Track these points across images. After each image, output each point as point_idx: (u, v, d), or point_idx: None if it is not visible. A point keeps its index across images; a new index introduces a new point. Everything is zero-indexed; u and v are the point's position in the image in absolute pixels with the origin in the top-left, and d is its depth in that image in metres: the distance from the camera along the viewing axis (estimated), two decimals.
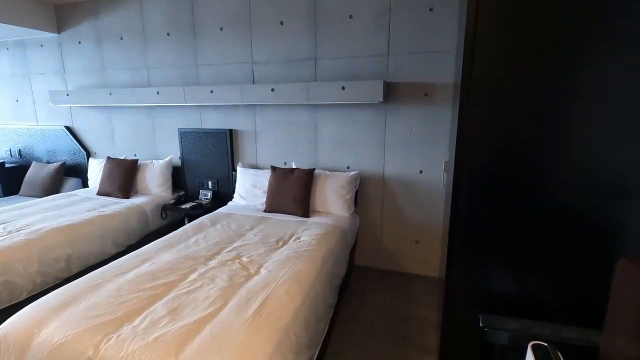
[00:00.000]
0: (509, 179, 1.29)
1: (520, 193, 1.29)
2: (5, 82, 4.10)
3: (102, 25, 3.44)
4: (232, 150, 3.18)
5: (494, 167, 1.31)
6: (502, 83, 1.24)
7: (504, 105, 1.25)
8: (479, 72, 1.26)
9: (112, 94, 3.29)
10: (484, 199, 1.34)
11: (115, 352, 1.22)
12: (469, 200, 1.36)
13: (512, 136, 1.26)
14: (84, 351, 1.24)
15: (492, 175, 1.31)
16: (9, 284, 2.02)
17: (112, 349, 1.23)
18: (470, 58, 1.26)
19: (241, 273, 1.75)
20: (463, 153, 1.34)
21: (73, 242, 2.43)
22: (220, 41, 3.04)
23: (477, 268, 1.40)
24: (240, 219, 2.58)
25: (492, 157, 1.30)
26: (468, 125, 1.31)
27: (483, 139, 1.30)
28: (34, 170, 3.82)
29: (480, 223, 1.36)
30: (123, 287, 1.61)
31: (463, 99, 1.29)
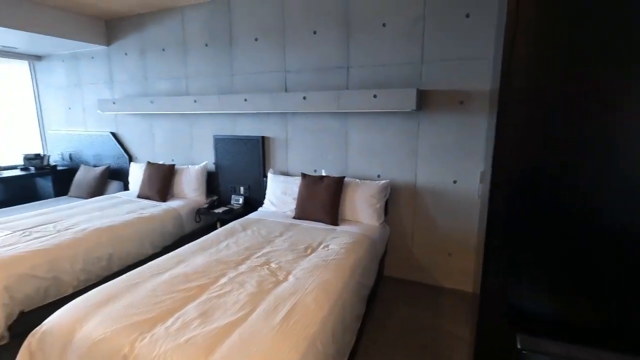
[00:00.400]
0: (551, 190, 1.22)
1: (562, 206, 1.21)
2: (60, 92, 4.45)
3: (147, 38, 3.65)
4: (263, 157, 3.25)
5: (535, 177, 1.24)
6: (543, 89, 1.19)
7: (545, 112, 1.19)
8: (518, 78, 1.21)
9: (154, 102, 3.47)
10: (523, 211, 1.27)
11: (148, 351, 1.27)
12: (507, 213, 1.30)
13: (554, 144, 1.20)
14: (121, 349, 1.29)
15: (533, 185, 1.25)
16: (57, 280, 2.16)
17: (146, 347, 1.28)
18: (509, 63, 1.21)
19: (270, 279, 1.77)
20: (501, 162, 1.29)
21: (114, 242, 2.56)
22: (254, 51, 3.13)
23: (515, 285, 1.33)
24: (270, 225, 2.62)
25: (532, 166, 1.24)
26: (506, 133, 1.26)
27: (522, 147, 1.24)
28: (81, 173, 4.09)
29: (518, 237, 1.29)
30: (158, 288, 1.67)
31: (502, 105, 1.24)
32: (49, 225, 2.65)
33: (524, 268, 1.31)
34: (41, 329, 1.47)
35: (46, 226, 2.62)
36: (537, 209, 1.25)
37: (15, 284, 1.96)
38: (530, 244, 1.28)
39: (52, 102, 4.58)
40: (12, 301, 1.92)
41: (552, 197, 1.22)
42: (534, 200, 1.25)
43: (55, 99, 4.54)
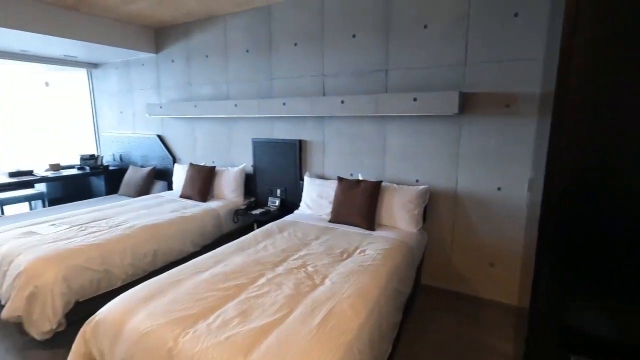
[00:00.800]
0: (611, 202, 1.13)
1: (624, 219, 1.11)
2: (113, 97, 4.77)
3: (192, 45, 3.83)
4: (300, 160, 3.28)
5: (594, 187, 1.15)
6: (603, 92, 1.10)
7: (606, 117, 1.10)
8: (576, 80, 1.13)
9: (197, 107, 3.62)
10: (579, 222, 1.18)
11: (191, 346, 1.31)
12: (561, 223, 1.22)
13: (615, 152, 1.10)
14: (166, 342, 1.35)
15: (591, 196, 1.16)
16: (108, 273, 2.30)
17: (189, 343, 1.33)
18: (566, 65, 1.13)
19: (306, 282, 1.78)
20: (555, 170, 1.21)
21: (159, 239, 2.69)
22: (293, 56, 3.18)
23: (568, 301, 1.24)
24: (305, 228, 2.64)
25: (590, 173, 1.15)
26: (561, 139, 1.18)
27: (579, 154, 1.15)
28: (130, 173, 4.36)
29: (573, 250, 1.20)
30: (199, 286, 1.73)
31: (557, 109, 1.17)
32: (102, 221, 2.84)
33: (579, 285, 1.21)
34: (95, 318, 1.58)
35: (99, 222, 2.81)
36: (595, 221, 1.16)
37: (72, 275, 2.11)
38: (586, 259, 1.19)
39: (106, 107, 4.92)
40: (69, 291, 2.07)
41: (612, 209, 1.13)
42: (591, 212, 1.16)
43: (108, 103, 4.88)
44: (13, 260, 2.18)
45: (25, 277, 2.02)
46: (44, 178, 4.13)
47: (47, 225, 2.72)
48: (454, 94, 2.33)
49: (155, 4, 3.23)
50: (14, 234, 2.53)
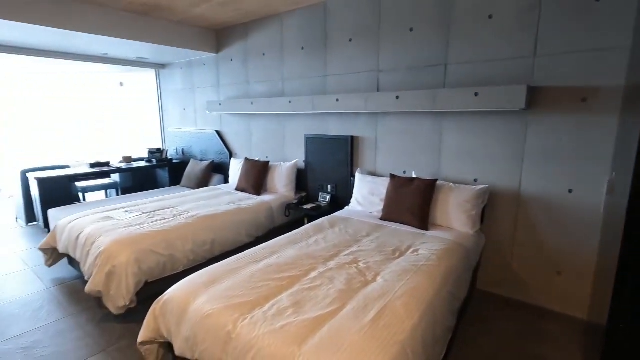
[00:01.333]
0: None
1: None
2: (177, 95, 5.13)
3: (250, 45, 3.98)
4: (352, 157, 3.27)
5: None
6: None
7: None
8: None
9: (254, 104, 3.77)
10: None
11: (249, 331, 1.38)
12: None
13: None
14: (225, 325, 1.43)
15: None
16: (172, 258, 2.49)
17: (246, 328, 1.39)
18: None
19: (358, 278, 1.78)
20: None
21: (216, 229, 2.85)
22: (348, 51, 3.17)
23: None
24: (356, 225, 2.63)
25: None
26: None
27: None
28: (191, 166, 4.66)
29: None
30: (255, 275, 1.81)
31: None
32: (167, 210, 3.07)
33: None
34: (163, 298, 1.72)
35: (165, 211, 3.05)
36: None
37: (142, 257, 2.32)
38: None
39: (171, 104, 5.31)
40: (140, 271, 2.28)
41: None
42: None
43: (173, 101, 5.25)
44: (94, 241, 2.44)
45: (105, 257, 2.26)
46: (118, 169, 4.57)
47: (121, 211, 3.01)
48: (521, 88, 2.17)
49: (218, 6, 3.41)
50: (94, 218, 2.83)
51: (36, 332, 2.22)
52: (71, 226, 2.74)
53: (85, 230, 2.60)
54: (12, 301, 2.59)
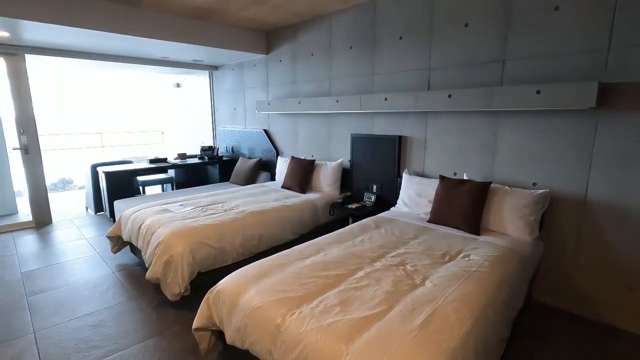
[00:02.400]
0: None
1: None
2: (228, 95, 5.36)
3: (298, 45, 4.05)
4: (399, 157, 3.21)
5: None
6: None
7: None
8: None
9: (301, 103, 3.83)
10: None
11: (297, 326, 1.41)
12: None
13: None
14: (274, 318, 1.48)
15: None
16: (222, 250, 2.61)
17: (294, 322, 1.43)
18: None
19: (406, 281, 1.74)
20: None
21: (263, 225, 2.94)
22: (397, 49, 3.11)
23: None
24: (402, 226, 2.58)
25: None
26: None
27: None
28: (239, 164, 4.84)
29: None
30: (302, 271, 1.84)
31: None
32: (218, 205, 3.23)
33: None
34: (216, 288, 1.81)
35: (216, 205, 3.20)
36: None
37: (196, 248, 2.46)
38: None
39: (222, 104, 5.56)
40: (194, 262, 2.42)
41: None
42: None
43: (224, 101, 5.50)
44: (154, 232, 2.63)
45: (163, 247, 2.43)
46: (174, 165, 4.87)
47: (177, 205, 3.21)
48: (592, 85, 1.99)
49: (269, 9, 3.51)
50: (153, 210, 3.05)
51: (103, 311, 2.44)
52: (134, 217, 2.97)
53: (146, 221, 2.81)
54: (83, 282, 2.87)
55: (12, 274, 3.03)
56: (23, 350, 2.03)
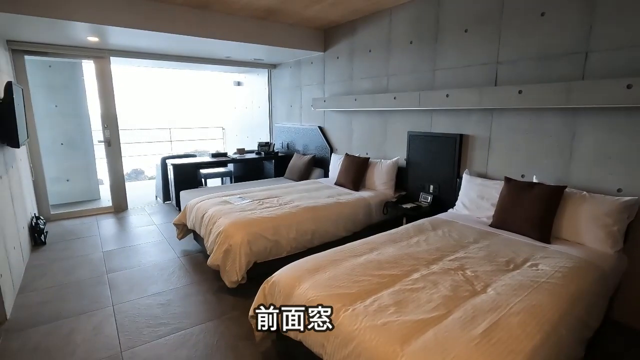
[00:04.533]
0: None
1: None
2: (285, 93, 5.50)
3: (356, 42, 4.02)
4: (459, 156, 3.05)
5: None
6: None
7: None
8: None
9: (357, 100, 3.81)
10: None
11: (350, 322, 1.41)
12: None
13: None
14: (328, 312, 1.49)
15: None
16: (277, 243, 2.69)
17: (348, 319, 1.43)
18: None
19: (465, 286, 1.66)
20: None
21: (316, 220, 2.97)
22: (462, 43, 2.95)
23: None
24: (461, 229, 2.45)
25: None
26: None
27: None
28: (294, 160, 4.96)
29: None
30: (355, 269, 1.83)
31: None
32: (273, 199, 3.33)
33: None
34: (272, 278, 1.87)
35: (272, 199, 3.31)
36: None
37: (253, 239, 2.57)
38: None
39: (279, 101, 5.72)
40: (251, 252, 2.53)
41: None
42: None
43: (281, 98, 5.65)
44: (216, 222, 2.79)
45: (224, 236, 2.57)
46: (234, 159, 5.13)
47: (236, 197, 3.38)
48: None
49: (329, 7, 3.52)
50: (214, 202, 3.24)
51: (170, 292, 2.66)
52: (197, 207, 3.19)
53: (208, 212, 2.99)
54: (152, 265, 3.15)
55: (95, 252, 3.42)
56: (104, 320, 2.29)
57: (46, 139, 4.79)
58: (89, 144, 5.35)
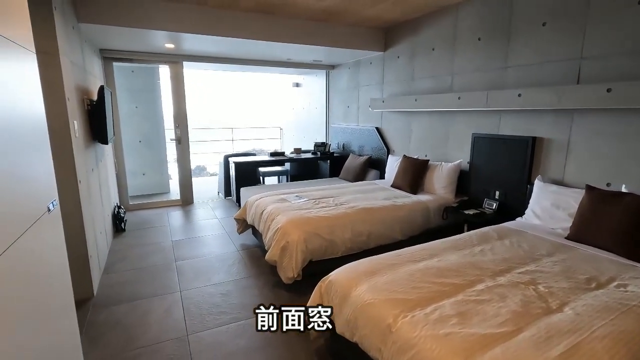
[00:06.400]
0: None
1: None
2: (343, 93, 5.52)
3: (418, 40, 3.90)
4: (531, 161, 2.81)
5: None
6: None
7: None
8: None
9: (417, 100, 3.69)
10: None
11: (409, 330, 1.37)
12: None
13: None
14: (385, 318, 1.46)
15: None
16: (332, 243, 2.71)
17: (407, 326, 1.39)
18: None
19: (537, 303, 1.52)
20: None
21: (372, 222, 2.93)
22: (538, 38, 2.71)
23: None
24: (532, 240, 2.26)
25: None
26: None
27: None
28: (350, 160, 4.95)
29: None
30: (414, 275, 1.78)
31: None
32: (329, 198, 3.36)
33: None
34: (328, 278, 1.89)
35: (327, 199, 3.34)
36: None
37: (309, 238, 2.61)
38: None
39: (336, 102, 5.75)
40: (307, 250, 2.58)
41: None
42: None
43: (338, 99, 5.68)
44: (274, 218, 2.89)
45: (282, 233, 2.65)
46: (291, 159, 5.27)
47: (293, 196, 3.47)
48: None
49: (391, 5, 3.46)
50: (273, 199, 3.36)
51: (229, 283, 2.81)
52: (257, 203, 3.32)
53: (267, 209, 3.11)
54: (214, 255, 3.35)
55: (165, 240, 3.74)
56: (173, 304, 2.49)
57: (127, 137, 5.34)
58: (162, 142, 5.86)
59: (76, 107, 2.61)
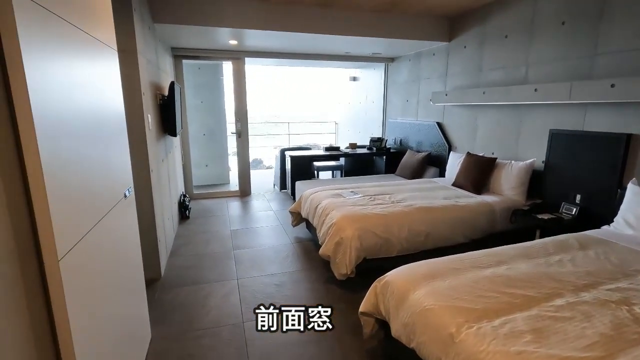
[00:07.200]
0: None
1: None
2: (402, 87, 5.32)
3: (489, 28, 3.59)
4: (624, 162, 2.45)
5: None
6: None
7: None
8: None
9: (486, 93, 3.41)
10: None
11: (475, 342, 1.25)
12: None
13: None
14: (447, 326, 1.36)
15: None
16: (387, 241, 2.62)
17: (472, 338, 1.27)
18: None
19: (633, 327, 1.31)
20: None
21: (431, 222, 2.78)
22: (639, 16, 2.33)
23: None
24: (623, 252, 1.96)
25: None
26: None
27: None
28: (407, 157, 4.76)
29: None
30: (480, 282, 1.63)
31: None
32: (385, 195, 3.26)
33: None
34: (385, 278, 1.82)
35: (383, 196, 3.24)
36: None
37: (364, 235, 2.54)
38: None
39: (394, 96, 5.56)
40: (361, 247, 2.51)
41: None
42: None
43: (396, 93, 5.48)
44: (328, 213, 2.87)
45: (336, 228, 2.62)
46: (346, 154, 5.22)
47: (348, 191, 3.42)
48: None
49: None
50: (327, 194, 3.34)
51: (283, 275, 2.86)
52: (312, 198, 3.33)
53: (322, 203, 3.10)
54: (269, 246, 3.44)
55: (224, 229, 3.92)
56: (230, 291, 2.59)
57: (193, 130, 5.69)
58: (223, 135, 6.16)
59: (150, 102, 2.82)
